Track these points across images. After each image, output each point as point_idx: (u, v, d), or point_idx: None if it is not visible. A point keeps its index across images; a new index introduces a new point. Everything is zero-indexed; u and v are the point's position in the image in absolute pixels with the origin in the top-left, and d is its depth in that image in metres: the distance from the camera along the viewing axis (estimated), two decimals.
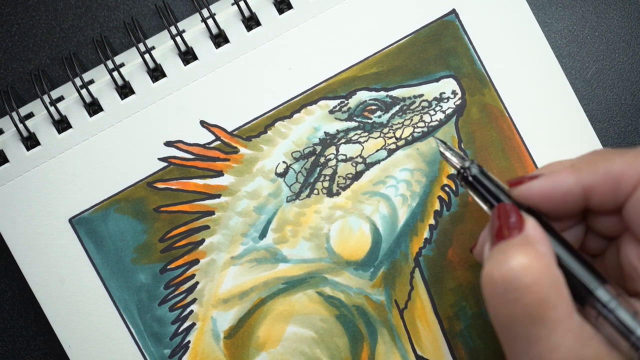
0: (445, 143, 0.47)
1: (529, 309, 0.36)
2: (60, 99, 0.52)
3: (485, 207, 0.43)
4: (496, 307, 0.37)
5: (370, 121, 0.51)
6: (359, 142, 0.51)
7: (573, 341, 0.36)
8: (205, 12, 0.52)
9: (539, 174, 0.41)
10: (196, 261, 0.51)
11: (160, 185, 0.50)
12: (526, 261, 0.36)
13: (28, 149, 0.50)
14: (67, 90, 0.52)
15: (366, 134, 0.51)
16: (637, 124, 0.56)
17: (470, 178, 0.44)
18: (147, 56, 0.50)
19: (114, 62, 0.50)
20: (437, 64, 0.51)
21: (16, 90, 0.54)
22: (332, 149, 0.51)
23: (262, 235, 0.51)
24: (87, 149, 0.50)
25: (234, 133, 0.51)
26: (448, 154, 0.46)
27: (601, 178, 0.39)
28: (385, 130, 0.51)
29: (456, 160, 0.45)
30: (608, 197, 0.39)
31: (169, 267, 0.50)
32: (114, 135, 0.50)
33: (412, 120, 0.51)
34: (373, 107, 0.51)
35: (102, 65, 0.53)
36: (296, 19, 0.51)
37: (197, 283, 0.51)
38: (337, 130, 0.51)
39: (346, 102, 0.51)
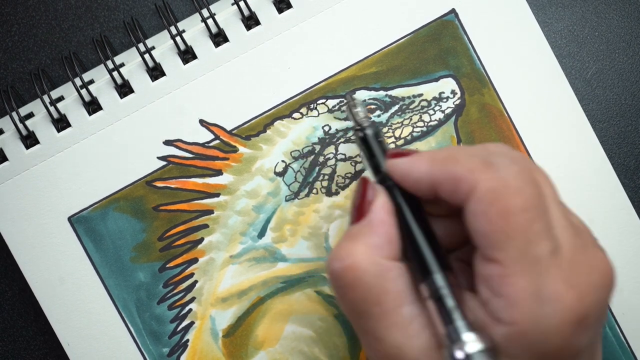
0: (353, 98, 0.47)
1: (354, 305, 0.38)
2: (61, 98, 0.52)
3: (368, 172, 0.44)
4: (336, 297, 0.40)
5: None
6: None
7: (397, 334, 0.38)
8: (205, 12, 0.52)
9: (410, 152, 0.42)
10: (195, 260, 0.51)
11: (159, 184, 0.50)
12: (349, 261, 0.38)
13: (27, 147, 0.50)
14: (67, 90, 0.52)
15: None
16: (637, 124, 0.56)
17: (360, 134, 0.45)
18: (146, 55, 0.50)
19: (113, 62, 0.50)
20: (437, 64, 0.51)
21: (16, 90, 0.54)
22: (332, 148, 0.51)
23: (261, 234, 0.51)
24: (86, 147, 0.50)
25: (233, 132, 0.51)
26: (355, 109, 0.46)
27: (445, 176, 0.39)
28: (385, 130, 0.51)
29: (360, 116, 0.46)
30: (450, 196, 0.39)
31: (167, 265, 0.50)
32: (113, 134, 0.50)
33: (411, 119, 0.51)
34: (372, 107, 0.51)
35: (102, 65, 0.53)
36: (296, 18, 0.51)
37: (195, 282, 0.51)
38: (337, 129, 0.51)
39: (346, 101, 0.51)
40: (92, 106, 0.50)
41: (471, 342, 0.36)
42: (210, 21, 0.50)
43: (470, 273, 0.39)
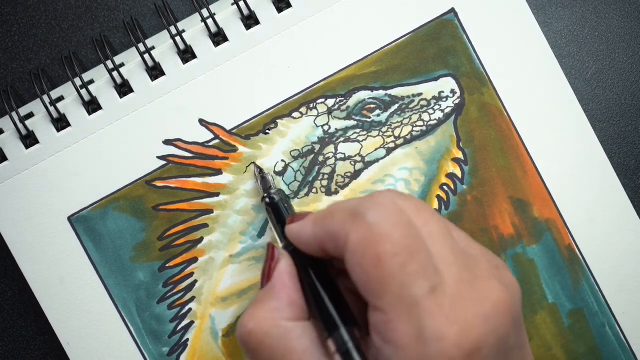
0: (261, 170, 0.50)
1: None
2: (61, 98, 0.52)
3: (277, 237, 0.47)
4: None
5: (369, 120, 0.51)
6: (358, 141, 0.51)
7: None
8: (205, 12, 0.52)
9: (303, 216, 0.43)
10: (195, 259, 0.51)
11: (159, 183, 0.50)
12: (251, 326, 0.40)
13: (27, 147, 0.50)
14: (67, 90, 0.52)
15: (365, 132, 0.51)
16: (637, 124, 0.56)
17: (267, 200, 0.48)
18: (146, 55, 0.50)
19: (113, 62, 0.50)
20: (436, 63, 0.51)
21: (16, 90, 0.54)
22: (331, 148, 0.51)
23: (261, 233, 0.51)
24: (86, 147, 0.50)
25: (233, 132, 0.51)
26: (259, 178, 0.49)
27: (325, 234, 0.40)
28: (384, 129, 0.51)
29: (267, 185, 0.49)
30: (335, 253, 0.39)
31: (167, 265, 0.50)
32: (113, 133, 0.50)
33: (411, 119, 0.51)
34: (372, 106, 0.51)
35: (102, 65, 0.53)
36: (295, 18, 0.51)
37: (195, 281, 0.51)
38: (336, 129, 0.51)
39: (345, 101, 0.51)
40: (92, 106, 0.51)
41: None
42: (210, 21, 0.50)
43: None
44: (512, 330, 0.38)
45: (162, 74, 0.51)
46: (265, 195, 0.48)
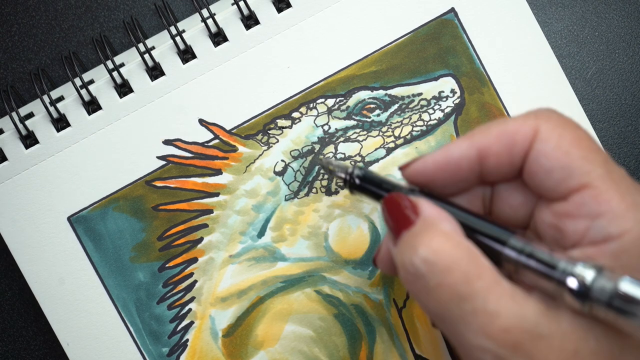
0: (327, 159, 0.48)
1: (455, 289, 0.36)
2: (61, 98, 0.52)
3: (380, 208, 0.42)
4: (423, 297, 0.37)
5: (369, 120, 0.51)
6: (358, 141, 0.51)
7: (510, 303, 0.36)
8: (205, 12, 0.52)
9: (416, 159, 0.41)
10: (194, 259, 0.51)
11: (158, 183, 0.50)
12: (434, 244, 0.36)
13: (27, 147, 0.50)
14: (67, 90, 0.52)
15: (365, 132, 0.51)
16: (637, 124, 0.56)
17: (357, 181, 0.43)
18: (146, 55, 0.50)
19: (113, 62, 0.50)
20: (436, 63, 0.51)
21: (16, 90, 0.54)
22: (331, 148, 0.51)
23: (261, 233, 0.51)
24: (85, 147, 0.50)
25: (233, 131, 0.51)
26: (332, 167, 0.45)
27: (494, 139, 0.39)
28: (384, 129, 0.51)
29: (341, 170, 0.44)
30: (503, 156, 0.39)
31: (167, 265, 0.50)
32: (113, 133, 0.50)
33: (410, 119, 0.51)
34: (372, 106, 0.51)
35: (102, 65, 0.53)
36: (295, 18, 0.51)
37: (195, 281, 0.50)
38: (336, 128, 0.51)
39: (345, 100, 0.51)
40: (92, 106, 0.51)
41: (586, 270, 0.35)
42: (209, 21, 0.51)
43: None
44: None
45: (162, 74, 0.51)
46: (349, 178, 0.43)
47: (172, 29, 0.52)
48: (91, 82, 0.52)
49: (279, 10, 0.51)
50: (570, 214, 0.37)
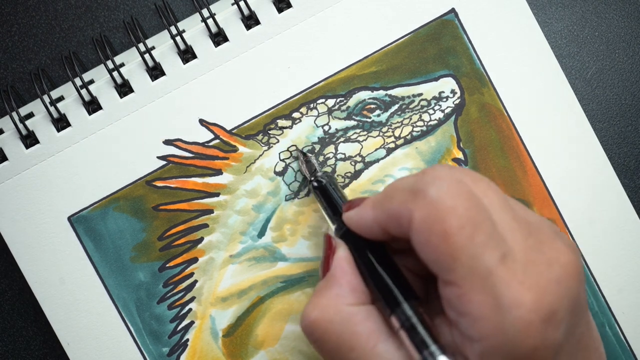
0: (304, 153, 0.50)
1: (331, 355, 0.40)
2: (61, 98, 0.52)
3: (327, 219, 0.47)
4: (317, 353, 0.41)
5: (369, 120, 0.51)
6: (358, 141, 0.51)
7: None
8: (205, 12, 0.52)
9: (360, 201, 0.43)
10: (195, 259, 0.51)
11: (159, 183, 0.50)
12: (315, 315, 0.40)
13: (27, 147, 0.50)
14: (67, 90, 0.52)
15: (365, 133, 0.51)
16: (637, 124, 0.56)
17: (315, 184, 0.48)
18: (146, 55, 0.50)
19: (113, 62, 0.50)
20: (436, 63, 0.51)
21: (16, 90, 0.54)
22: (331, 148, 0.51)
23: (261, 233, 0.51)
24: (86, 147, 0.50)
25: (233, 132, 0.51)
26: (303, 162, 0.49)
27: (387, 217, 0.40)
28: (384, 129, 0.51)
29: (309, 169, 0.49)
30: (399, 233, 0.39)
31: (167, 265, 0.50)
32: (113, 133, 0.50)
33: (411, 119, 0.51)
34: (372, 106, 0.51)
35: (102, 65, 0.53)
36: (295, 18, 0.51)
37: (195, 281, 0.51)
38: (336, 129, 0.51)
39: (345, 101, 0.51)
40: (92, 106, 0.50)
41: None
42: (210, 21, 0.50)
43: None
44: (582, 290, 0.38)
45: (162, 74, 0.51)
46: (312, 178, 0.48)
47: (173, 29, 0.52)
48: (91, 82, 0.52)
49: (280, 10, 0.51)
50: (446, 301, 0.38)
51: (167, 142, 0.51)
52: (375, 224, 0.41)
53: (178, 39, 0.50)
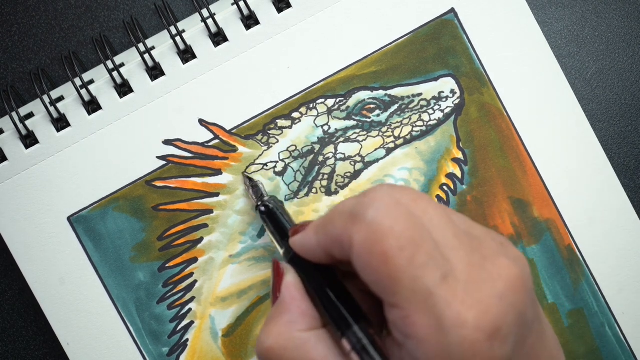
0: (251, 179, 0.50)
1: None
2: (61, 98, 0.52)
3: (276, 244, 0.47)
4: None
5: (368, 120, 0.51)
6: (358, 141, 0.51)
7: None
8: (205, 12, 0.52)
9: (304, 227, 0.42)
10: (194, 259, 0.51)
11: (158, 183, 0.50)
12: (268, 343, 0.40)
13: (27, 147, 0.50)
14: (67, 90, 0.52)
15: (365, 133, 0.51)
16: (637, 124, 0.56)
17: (262, 209, 0.48)
18: (146, 55, 0.50)
19: (113, 62, 0.50)
20: (436, 63, 0.51)
21: (16, 90, 0.54)
22: (331, 148, 0.51)
23: (261, 233, 0.51)
24: (85, 147, 0.50)
25: (233, 132, 0.51)
26: (250, 188, 0.50)
27: (329, 241, 0.39)
28: (384, 129, 0.51)
29: (256, 194, 0.49)
30: (343, 257, 0.39)
31: (167, 265, 0.50)
32: (113, 133, 0.50)
33: (410, 119, 0.51)
34: (372, 106, 0.51)
35: (102, 65, 0.53)
36: (295, 18, 0.51)
37: (195, 281, 0.51)
38: (336, 129, 0.51)
39: (345, 101, 0.51)
40: (92, 106, 0.51)
41: None
42: (210, 21, 0.51)
43: None
44: (528, 304, 0.37)
45: (162, 74, 0.51)
46: (259, 203, 0.48)
47: (172, 29, 0.52)
48: (91, 82, 0.52)
49: (279, 10, 0.51)
50: (391, 322, 0.37)
51: (167, 142, 0.51)
52: (319, 249, 0.40)
53: (178, 39, 0.50)
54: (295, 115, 0.51)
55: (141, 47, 0.52)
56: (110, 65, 0.52)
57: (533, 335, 0.38)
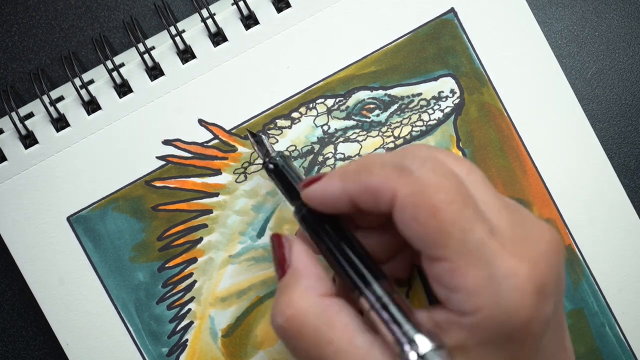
0: (254, 134, 0.49)
1: (308, 352, 0.38)
2: (60, 98, 0.52)
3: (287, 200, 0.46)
4: (288, 350, 0.40)
5: (368, 120, 0.51)
6: (357, 141, 0.51)
7: None
8: (204, 12, 0.52)
9: (322, 176, 0.42)
10: (194, 260, 0.51)
11: (158, 183, 0.50)
12: (289, 311, 0.39)
13: (26, 147, 0.50)
14: (67, 90, 0.52)
15: (364, 132, 0.51)
16: (637, 124, 0.56)
17: (270, 166, 0.46)
18: (146, 55, 0.50)
19: (113, 63, 0.50)
20: (436, 63, 0.51)
21: (16, 90, 0.54)
22: (331, 148, 0.51)
23: (260, 233, 0.51)
24: (85, 147, 0.50)
25: (232, 132, 0.51)
26: (255, 145, 0.48)
27: (362, 190, 0.39)
28: (384, 129, 0.51)
29: (262, 151, 0.48)
30: (372, 208, 0.39)
31: (166, 265, 0.50)
32: (112, 133, 0.50)
33: (410, 119, 0.51)
34: (371, 106, 0.51)
35: (102, 65, 0.53)
36: (295, 18, 0.51)
37: (195, 282, 0.50)
38: (336, 129, 0.51)
39: (344, 100, 0.51)
40: (91, 106, 0.51)
41: (423, 343, 0.36)
42: (209, 21, 0.51)
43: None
44: (564, 269, 0.38)
45: (162, 74, 0.51)
46: (267, 160, 0.47)
47: (172, 29, 0.52)
48: (91, 82, 0.52)
49: (279, 10, 0.51)
50: (435, 279, 0.37)
51: (166, 142, 0.51)
52: (344, 196, 0.40)
53: (177, 39, 0.50)
54: (295, 115, 0.51)
55: (141, 47, 0.52)
56: (109, 65, 0.52)
57: (560, 306, 0.39)
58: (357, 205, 0.39)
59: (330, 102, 0.51)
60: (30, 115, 0.52)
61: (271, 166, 0.47)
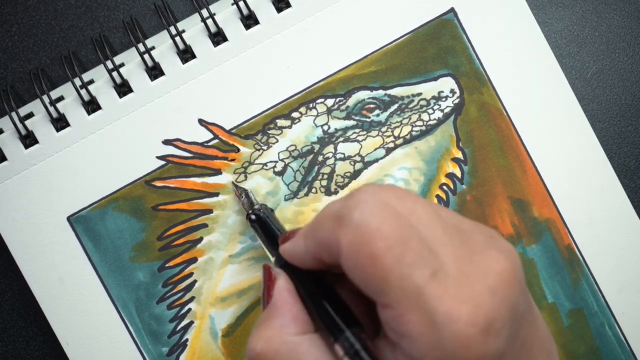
0: (242, 188, 0.50)
1: None
2: (60, 98, 0.52)
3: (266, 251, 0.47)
4: None
5: (368, 120, 0.51)
6: (357, 141, 0.51)
7: None
8: (204, 12, 0.52)
9: (293, 234, 0.42)
10: (194, 259, 0.51)
11: (158, 183, 0.50)
12: (260, 347, 0.39)
13: (26, 147, 0.50)
14: (66, 90, 0.52)
15: (364, 132, 0.51)
16: (637, 124, 0.56)
17: (252, 217, 0.48)
18: (146, 55, 0.50)
19: (113, 63, 0.50)
20: (436, 63, 0.51)
21: (16, 90, 0.54)
22: (331, 148, 0.51)
23: None
24: (85, 147, 0.50)
25: (232, 131, 0.51)
26: (241, 198, 0.49)
27: (318, 246, 0.39)
28: (384, 129, 0.51)
29: (250, 202, 0.49)
30: (333, 261, 0.39)
31: (167, 265, 0.50)
32: (112, 133, 0.50)
33: (410, 119, 0.51)
34: (371, 106, 0.51)
35: (102, 65, 0.53)
36: (294, 18, 0.51)
37: (195, 281, 0.51)
38: (336, 128, 0.51)
39: (344, 100, 0.51)
40: (91, 106, 0.51)
41: None
42: (209, 21, 0.51)
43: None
44: (520, 296, 0.37)
45: (162, 73, 0.51)
46: (250, 212, 0.48)
47: (172, 29, 0.52)
48: (91, 82, 0.52)
49: (279, 10, 0.51)
50: (385, 324, 0.37)
51: (167, 142, 0.51)
52: (308, 255, 0.40)
53: (177, 39, 0.50)
54: (295, 115, 0.51)
55: (141, 47, 0.52)
56: (109, 65, 0.52)
57: (525, 327, 0.38)
58: (322, 261, 0.40)
59: (330, 102, 0.51)
60: (30, 115, 0.52)
61: (253, 217, 0.48)
